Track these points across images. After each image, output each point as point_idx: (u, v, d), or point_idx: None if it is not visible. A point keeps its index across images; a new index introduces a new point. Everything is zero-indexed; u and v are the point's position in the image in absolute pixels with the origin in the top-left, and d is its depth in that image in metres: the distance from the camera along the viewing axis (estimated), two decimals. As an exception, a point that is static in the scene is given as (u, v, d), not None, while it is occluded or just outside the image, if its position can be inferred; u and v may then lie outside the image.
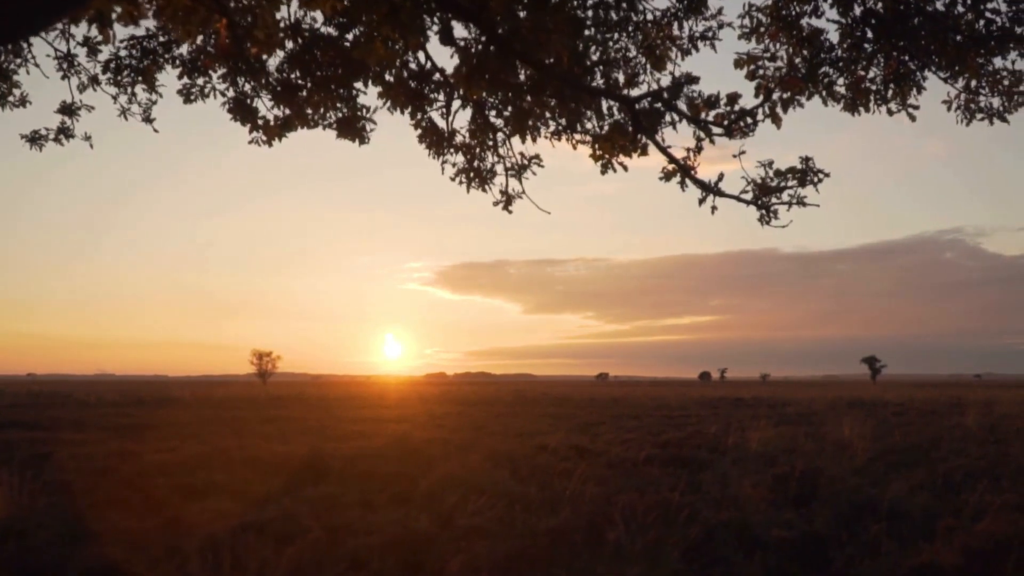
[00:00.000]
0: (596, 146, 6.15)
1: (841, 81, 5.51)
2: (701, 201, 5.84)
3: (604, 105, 5.99)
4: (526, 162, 6.22)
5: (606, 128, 6.09)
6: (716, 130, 5.94)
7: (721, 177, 5.79)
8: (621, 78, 6.23)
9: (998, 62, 5.36)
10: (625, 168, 6.16)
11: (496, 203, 6.28)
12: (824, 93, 5.56)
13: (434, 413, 26.10)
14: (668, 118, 5.81)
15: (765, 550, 6.00)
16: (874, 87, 5.47)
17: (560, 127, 6.16)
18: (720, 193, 5.82)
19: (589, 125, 6.13)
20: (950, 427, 17.22)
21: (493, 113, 6.09)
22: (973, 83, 5.45)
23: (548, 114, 6.04)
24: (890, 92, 5.24)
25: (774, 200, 5.64)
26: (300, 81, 5.50)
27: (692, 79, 5.94)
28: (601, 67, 5.80)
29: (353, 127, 6.01)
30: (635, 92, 6.26)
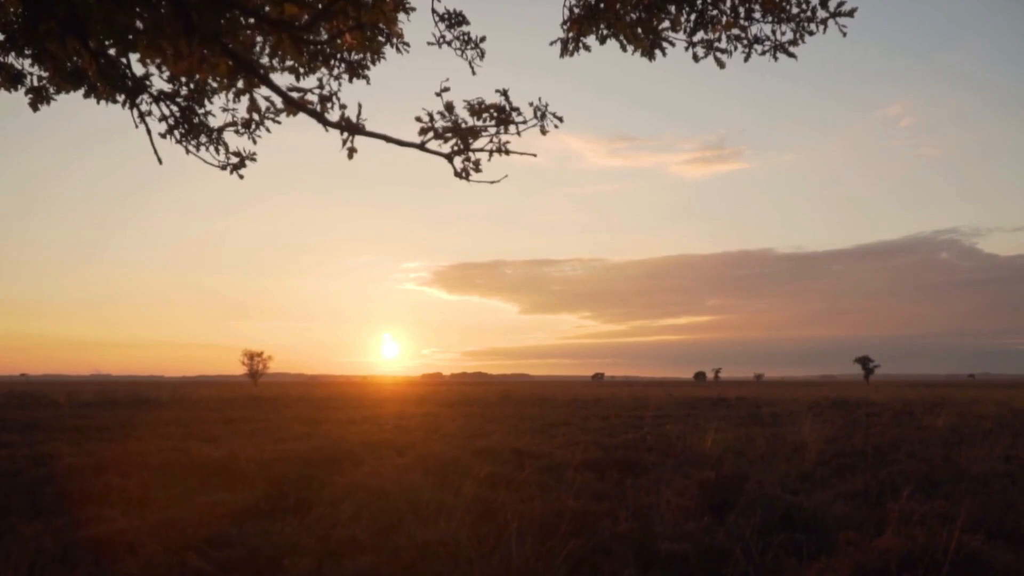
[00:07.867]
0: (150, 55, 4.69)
1: (633, 17, 4.60)
2: (344, 142, 5.05)
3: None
4: (256, 117, 5.39)
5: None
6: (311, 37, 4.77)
7: (360, 110, 4.93)
8: None
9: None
10: (272, 112, 5.16)
11: (224, 166, 5.59)
12: (621, 36, 4.68)
13: (404, 414, 25.59)
14: (244, 22, 4.50)
15: (659, 565, 5.53)
16: (647, 15, 4.47)
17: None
18: (361, 131, 4.99)
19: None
20: (918, 428, 16.76)
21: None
22: (743, 8, 4.61)
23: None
24: (665, 23, 4.51)
25: (459, 146, 4.83)
26: (41, 29, 4.79)
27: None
28: None
29: (82, 78, 5.19)
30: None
